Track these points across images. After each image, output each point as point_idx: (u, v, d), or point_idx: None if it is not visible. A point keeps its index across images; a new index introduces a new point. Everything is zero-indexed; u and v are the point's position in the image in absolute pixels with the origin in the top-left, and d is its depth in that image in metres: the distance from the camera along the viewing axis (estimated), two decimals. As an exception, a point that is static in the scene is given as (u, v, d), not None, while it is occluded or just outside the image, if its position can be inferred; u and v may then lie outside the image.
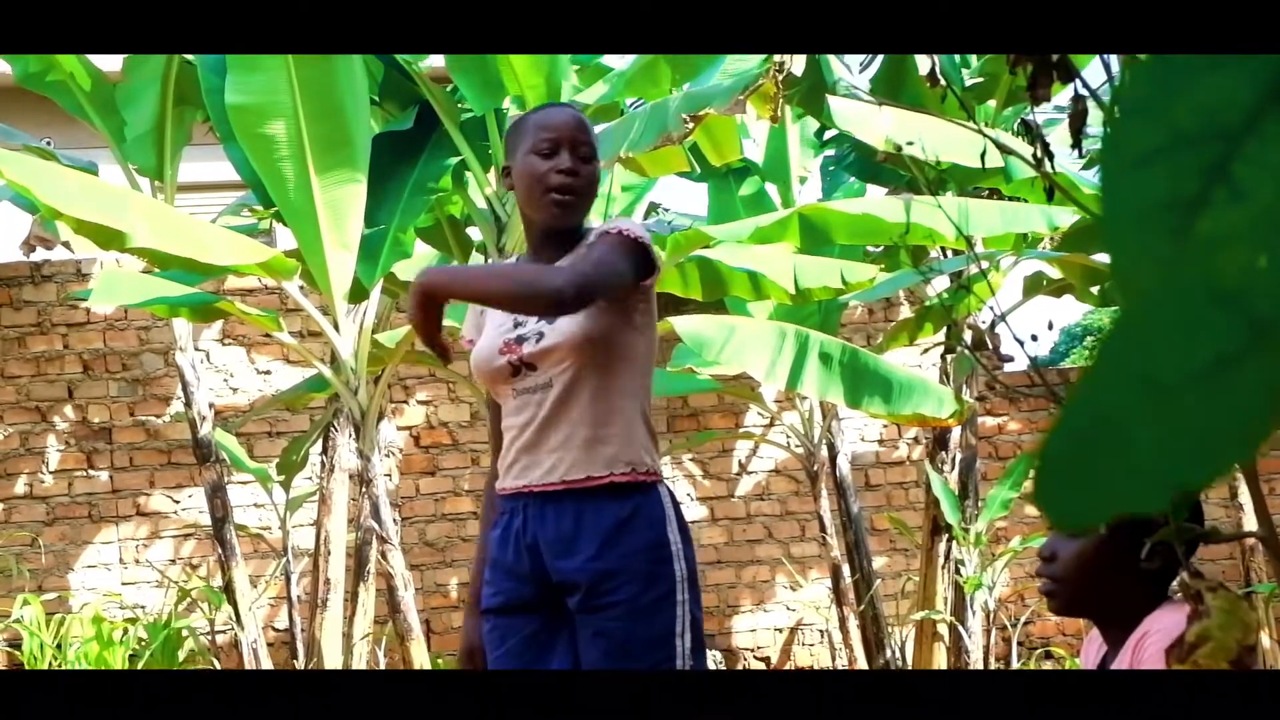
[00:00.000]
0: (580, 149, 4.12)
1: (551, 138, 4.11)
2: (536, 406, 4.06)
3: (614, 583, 4.00)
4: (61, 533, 10.88)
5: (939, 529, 10.63)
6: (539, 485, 4.08)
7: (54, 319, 10.98)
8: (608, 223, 4.11)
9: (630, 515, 4.03)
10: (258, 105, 8.29)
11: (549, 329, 4.03)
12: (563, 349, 4.02)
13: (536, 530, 4.08)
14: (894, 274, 9.55)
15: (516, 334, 4.09)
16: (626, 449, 4.05)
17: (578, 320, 4.00)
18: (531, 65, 8.67)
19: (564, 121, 4.15)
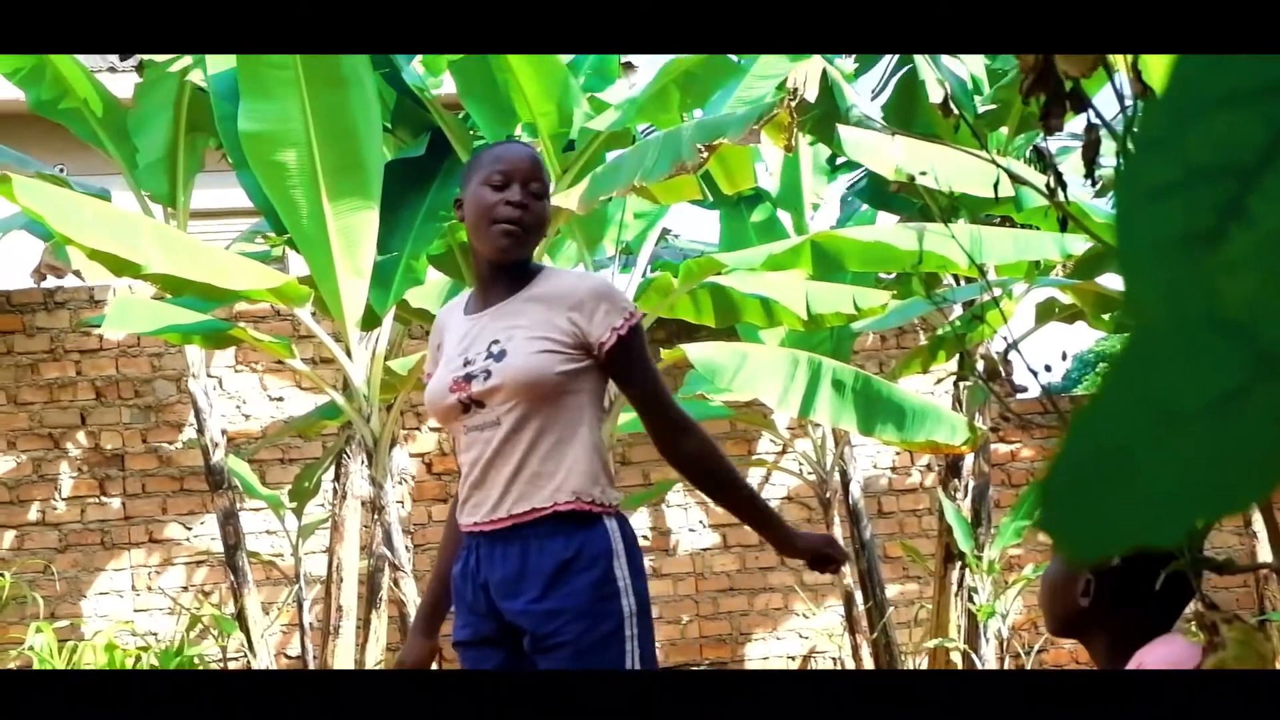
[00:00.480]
0: (531, 185, 4.16)
1: (504, 170, 4.15)
2: (485, 444, 4.09)
3: (559, 622, 4.01)
4: (74, 560, 10.88)
5: (952, 556, 10.60)
6: (487, 522, 4.10)
7: (66, 345, 10.99)
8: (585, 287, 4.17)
9: (575, 554, 4.03)
10: (270, 132, 8.31)
11: (495, 367, 4.06)
12: (507, 388, 4.04)
13: (486, 571, 4.11)
14: (906, 301, 9.54)
15: (465, 371, 4.11)
16: (571, 479, 4.06)
17: (521, 358, 4.05)
18: (543, 92, 8.68)
19: (517, 157, 4.20)
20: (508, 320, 4.12)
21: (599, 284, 4.17)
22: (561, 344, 4.06)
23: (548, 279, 4.17)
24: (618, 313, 4.09)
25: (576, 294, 4.11)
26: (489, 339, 4.11)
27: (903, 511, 12.34)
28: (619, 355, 4.10)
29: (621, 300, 4.14)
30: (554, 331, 4.06)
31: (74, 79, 9.80)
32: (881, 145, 9.09)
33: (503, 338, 4.09)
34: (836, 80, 10.39)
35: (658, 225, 10.66)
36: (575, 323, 4.07)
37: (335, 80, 8.31)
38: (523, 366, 4.03)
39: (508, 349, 4.06)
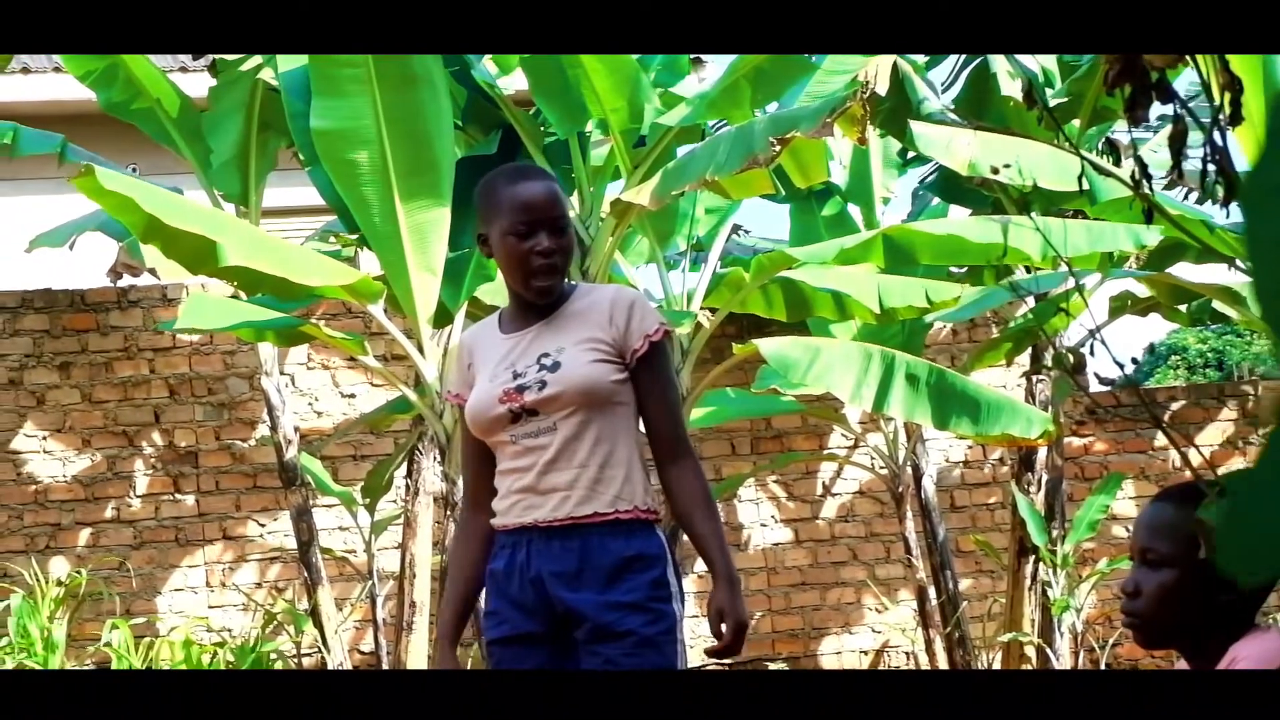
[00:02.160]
0: (556, 223, 4.30)
1: (526, 220, 4.28)
2: (540, 450, 4.25)
3: (621, 614, 4.20)
4: (149, 556, 10.94)
5: (1025, 550, 10.56)
6: (545, 521, 4.26)
7: (140, 344, 11.05)
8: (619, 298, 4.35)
9: (635, 554, 4.24)
10: (342, 130, 8.33)
11: (551, 378, 4.24)
12: (567, 395, 4.23)
13: (541, 564, 4.26)
14: (979, 292, 9.49)
15: (516, 383, 4.28)
16: (629, 488, 4.26)
17: (580, 367, 4.24)
18: (614, 88, 8.67)
19: (537, 200, 4.32)
20: (554, 335, 4.31)
21: (633, 294, 4.38)
22: (608, 354, 4.27)
23: (584, 295, 4.38)
24: (652, 320, 4.30)
25: (612, 304, 4.31)
26: (537, 353, 4.30)
27: (975, 505, 12.29)
28: (648, 361, 4.30)
29: (653, 310, 4.36)
30: (600, 343, 4.27)
31: (147, 80, 9.85)
32: (954, 139, 9.05)
33: (552, 350, 4.28)
34: (908, 74, 10.34)
35: (729, 220, 10.64)
36: (614, 332, 4.28)
37: (407, 78, 8.32)
38: (583, 375, 4.23)
39: (561, 360, 4.25)
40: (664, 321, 4.35)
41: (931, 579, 11.20)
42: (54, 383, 10.91)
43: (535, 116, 9.42)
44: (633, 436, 4.31)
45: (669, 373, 4.38)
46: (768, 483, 11.96)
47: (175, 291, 10.98)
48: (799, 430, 12.02)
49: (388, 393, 11.07)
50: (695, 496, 4.31)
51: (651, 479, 4.36)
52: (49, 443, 10.87)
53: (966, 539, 11.94)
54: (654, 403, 4.32)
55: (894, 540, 11.80)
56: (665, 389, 4.34)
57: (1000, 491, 12.15)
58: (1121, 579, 3.29)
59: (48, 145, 10.14)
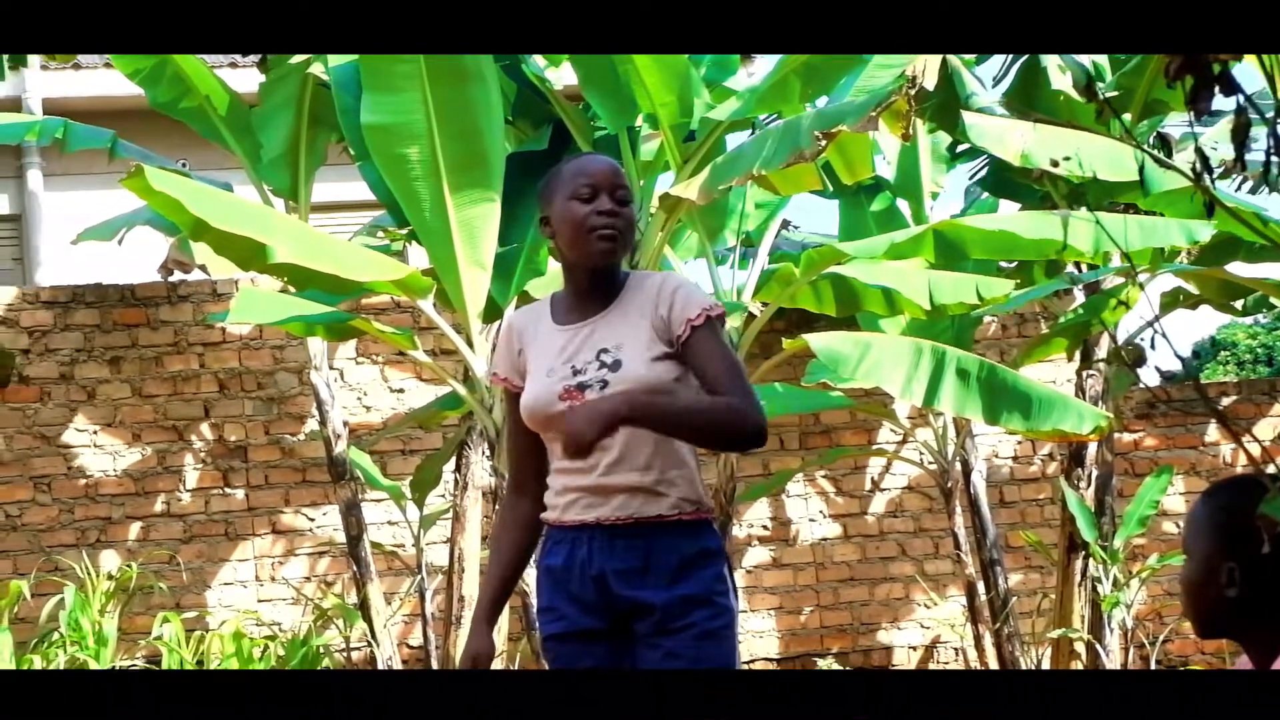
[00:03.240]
0: (618, 193, 4.28)
1: (590, 183, 4.28)
2: (602, 450, 4.18)
3: (687, 607, 4.19)
4: (199, 550, 10.98)
5: (1075, 546, 10.51)
6: (609, 519, 4.24)
7: (190, 339, 11.08)
8: (665, 284, 4.29)
9: (696, 551, 4.24)
10: (393, 125, 8.34)
11: (613, 377, 4.19)
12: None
13: (604, 562, 4.23)
14: (1029, 288, 9.46)
15: (577, 381, 4.23)
16: (691, 489, 4.26)
17: (641, 366, 4.20)
18: (664, 83, 8.67)
19: (600, 168, 4.33)
20: (612, 330, 4.26)
21: (677, 281, 4.31)
22: (667, 349, 4.22)
23: (636, 284, 4.32)
24: (694, 306, 4.22)
25: (658, 292, 4.26)
26: (596, 348, 4.26)
27: (1025, 501, 12.24)
28: (692, 344, 4.21)
29: (698, 294, 4.27)
30: (655, 337, 4.22)
31: (196, 76, 9.88)
32: (1006, 131, 9.03)
33: (612, 347, 4.24)
34: (957, 68, 10.31)
35: (778, 216, 10.63)
36: (659, 321, 4.23)
37: (457, 73, 8.33)
38: (644, 374, 4.18)
39: (622, 358, 4.21)
40: (709, 304, 4.24)
41: (981, 575, 11.16)
42: (104, 377, 10.95)
43: (585, 111, 9.42)
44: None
45: (720, 347, 4.21)
46: (816, 478, 11.94)
47: (225, 287, 11.01)
48: (848, 425, 12.00)
49: (437, 388, 11.08)
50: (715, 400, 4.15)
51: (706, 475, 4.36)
52: (99, 437, 10.91)
53: (1016, 535, 11.89)
54: (706, 372, 4.19)
55: (943, 536, 11.76)
56: (711, 356, 4.19)
57: (1050, 487, 12.11)
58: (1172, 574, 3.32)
59: (98, 141, 10.20)
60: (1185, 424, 12.39)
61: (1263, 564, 2.98)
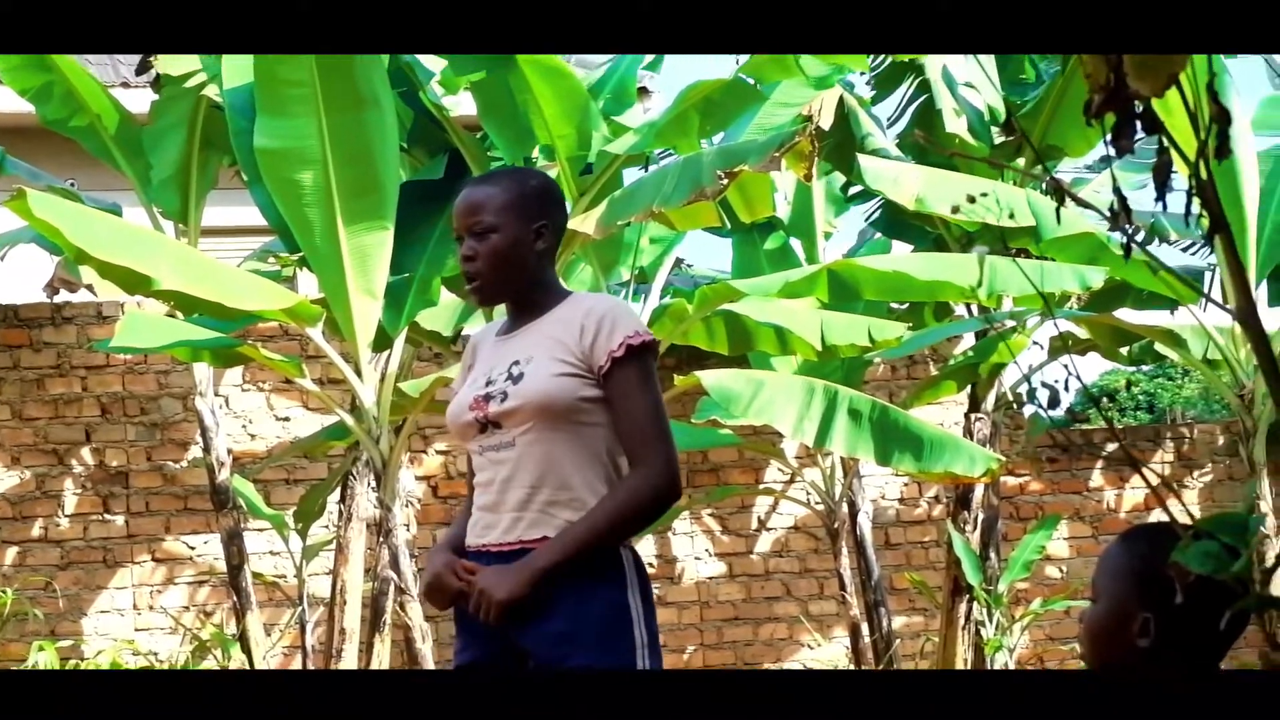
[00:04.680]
0: (474, 227, 4.11)
1: (455, 228, 4.16)
2: (498, 465, 4.04)
3: (569, 648, 3.94)
4: (76, 577, 10.80)
5: (960, 589, 10.54)
6: (495, 545, 4.04)
7: (73, 361, 10.91)
8: (594, 308, 4.07)
9: (591, 580, 3.96)
10: (286, 150, 8.26)
11: (513, 389, 4.01)
12: (525, 410, 4.00)
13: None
14: (921, 331, 9.49)
15: (485, 391, 4.07)
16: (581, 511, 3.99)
17: (540, 381, 4.00)
18: (562, 114, 8.64)
19: (457, 209, 4.16)
20: (527, 343, 4.08)
21: (607, 305, 4.10)
22: (576, 368, 4.01)
23: (569, 302, 4.12)
24: (619, 334, 4.01)
25: (585, 315, 4.05)
26: (510, 360, 4.07)
27: (910, 543, 12.27)
28: (613, 377, 4.01)
29: (626, 321, 4.05)
30: (567, 354, 4.01)
31: (88, 94, 9.75)
32: (901, 174, 9.05)
33: (522, 359, 4.05)
34: (854, 108, 10.36)
35: (673, 251, 10.61)
36: (583, 346, 4.02)
37: (353, 99, 8.26)
38: (540, 389, 3.98)
39: (526, 371, 4.02)
40: (632, 332, 4.02)
41: (865, 616, 11.17)
42: (-16, 399, 10.77)
43: (482, 140, 9.38)
44: (601, 460, 4.02)
45: (639, 379, 4.00)
46: (703, 516, 11.91)
47: (111, 309, 10.85)
48: (735, 464, 11.97)
49: (322, 416, 10.97)
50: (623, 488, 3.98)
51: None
52: (-23, 459, 10.73)
53: (901, 577, 11.91)
54: (621, 412, 4.00)
55: (828, 576, 11.76)
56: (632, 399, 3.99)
57: (935, 530, 12.14)
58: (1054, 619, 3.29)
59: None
60: (1070, 469, 12.46)
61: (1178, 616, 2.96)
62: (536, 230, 4.13)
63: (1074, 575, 12.21)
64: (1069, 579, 12.19)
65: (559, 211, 4.22)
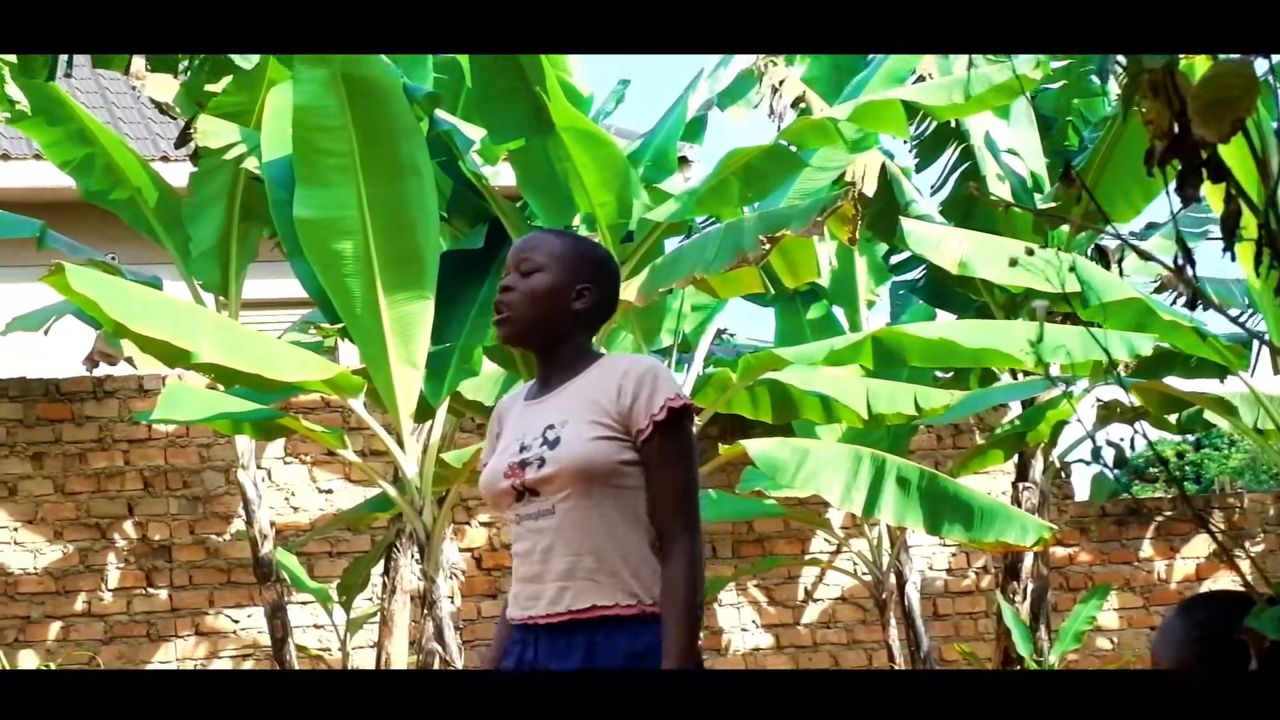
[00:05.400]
0: (522, 265, 4.03)
1: (505, 267, 4.08)
2: (538, 534, 3.93)
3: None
4: (119, 651, 10.75)
5: (1010, 660, 10.41)
6: (543, 617, 3.93)
7: (115, 435, 10.90)
8: (631, 369, 3.97)
9: (644, 650, 3.86)
10: (326, 220, 8.23)
11: (550, 455, 3.90)
12: (563, 476, 3.89)
13: (548, 664, 3.92)
14: (968, 394, 9.38)
15: (521, 458, 3.96)
16: (631, 580, 3.89)
17: (577, 445, 3.89)
18: (602, 182, 8.60)
19: (512, 249, 4.10)
20: (563, 406, 3.97)
21: (646, 366, 3.98)
22: (614, 430, 3.91)
23: (603, 364, 4.02)
24: (660, 398, 3.91)
25: (623, 376, 3.94)
26: (544, 424, 3.96)
27: (958, 614, 12.13)
28: (652, 442, 3.91)
29: (666, 384, 3.94)
30: (604, 417, 3.91)
31: (128, 167, 9.78)
32: (945, 238, 8.98)
33: (557, 423, 3.93)
34: (896, 175, 10.30)
35: (715, 318, 10.54)
36: (620, 408, 3.91)
37: (393, 168, 8.23)
38: (578, 454, 3.88)
39: (562, 435, 3.91)
40: (673, 395, 3.93)
41: (914, 688, 11.02)
42: (26, 473, 10.75)
43: (522, 209, 9.33)
44: (641, 524, 3.91)
45: (678, 449, 3.93)
46: (749, 587, 11.80)
47: (152, 382, 10.84)
48: (781, 534, 11.88)
49: (365, 489, 10.92)
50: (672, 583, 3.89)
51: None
52: (20, 534, 10.70)
53: (950, 648, 11.77)
54: (653, 482, 3.91)
55: (877, 648, 11.63)
56: (666, 470, 3.91)
57: (984, 600, 12.01)
58: None
59: (26, 230, 10.06)
60: (1120, 539, 12.33)
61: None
62: (579, 290, 4.02)
63: (1125, 646, 12.06)
64: (1120, 650, 12.04)
65: (608, 284, 4.10)
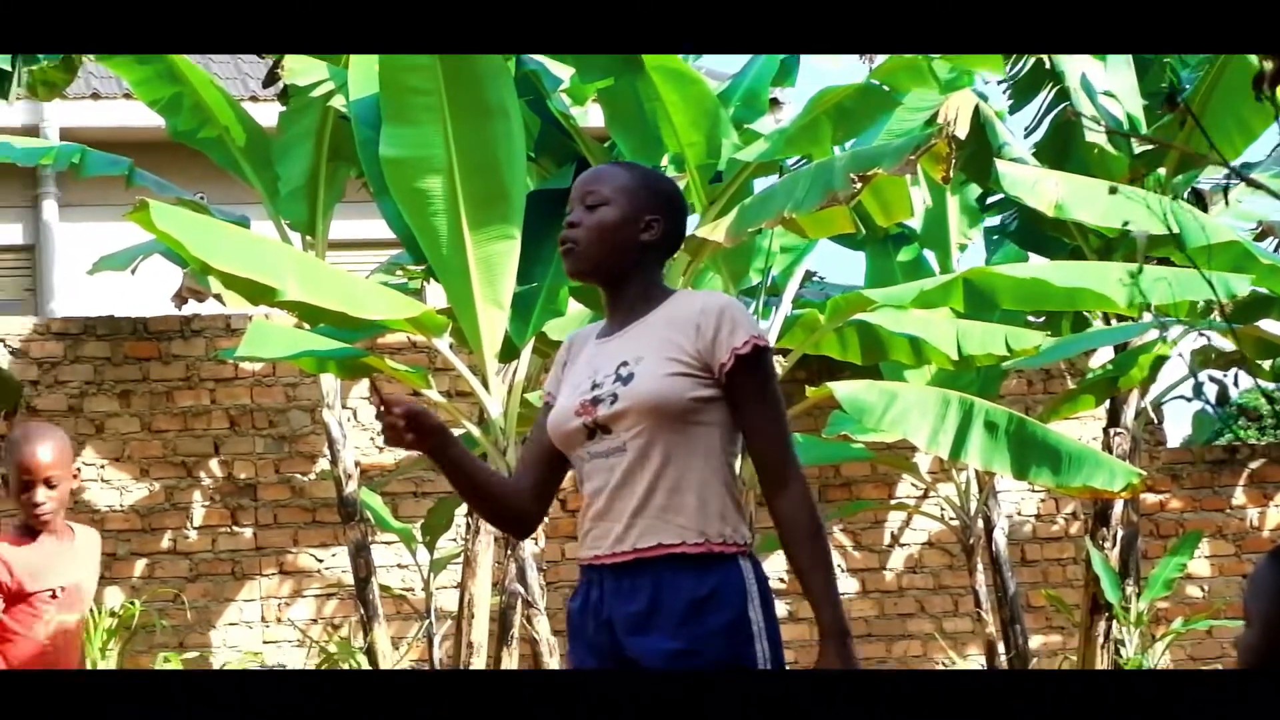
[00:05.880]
0: (587, 198, 3.97)
1: (570, 200, 4.02)
2: (609, 472, 3.87)
3: (691, 664, 3.77)
4: (204, 589, 10.79)
5: (1099, 607, 10.30)
6: (608, 556, 3.87)
7: (202, 374, 10.91)
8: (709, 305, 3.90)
9: (709, 593, 3.80)
10: (412, 159, 8.19)
11: (623, 390, 3.84)
12: (635, 412, 3.82)
13: (612, 606, 3.86)
14: (1059, 339, 9.26)
15: (593, 395, 3.89)
16: (700, 518, 3.82)
17: (651, 381, 3.83)
18: (691, 122, 8.51)
19: (577, 181, 4.04)
20: (636, 343, 3.91)
21: (724, 302, 3.92)
22: (690, 367, 3.84)
23: (676, 300, 3.96)
24: (741, 333, 3.85)
25: (700, 313, 3.88)
26: (617, 361, 3.90)
27: (1047, 560, 12.02)
28: (738, 379, 3.85)
29: (746, 320, 3.89)
30: (681, 354, 3.85)
31: (216, 106, 9.76)
32: (1040, 181, 8.85)
33: (631, 359, 3.88)
34: (989, 118, 10.16)
35: (804, 261, 10.43)
36: (700, 343, 3.85)
37: (480, 107, 8.18)
38: (652, 390, 3.82)
39: (636, 371, 3.85)
40: (758, 333, 3.88)
41: (1001, 634, 10.95)
42: (114, 411, 10.78)
43: (610, 149, 9.26)
44: (719, 459, 3.85)
45: (768, 389, 3.88)
46: (835, 531, 11.73)
47: (239, 322, 10.84)
48: (868, 479, 11.79)
49: (451, 430, 10.88)
50: (796, 529, 3.83)
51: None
52: (107, 471, 10.74)
53: (1038, 594, 11.67)
54: (749, 424, 3.87)
55: (963, 593, 11.54)
56: (762, 408, 3.86)
57: (1073, 547, 11.89)
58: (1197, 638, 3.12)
59: (115, 168, 10.07)
60: (1212, 486, 12.17)
61: None
62: (647, 222, 3.97)
63: (1215, 595, 11.92)
64: (1211, 598, 11.90)
65: (676, 216, 4.05)
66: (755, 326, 3.90)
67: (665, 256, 4.06)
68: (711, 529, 3.82)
